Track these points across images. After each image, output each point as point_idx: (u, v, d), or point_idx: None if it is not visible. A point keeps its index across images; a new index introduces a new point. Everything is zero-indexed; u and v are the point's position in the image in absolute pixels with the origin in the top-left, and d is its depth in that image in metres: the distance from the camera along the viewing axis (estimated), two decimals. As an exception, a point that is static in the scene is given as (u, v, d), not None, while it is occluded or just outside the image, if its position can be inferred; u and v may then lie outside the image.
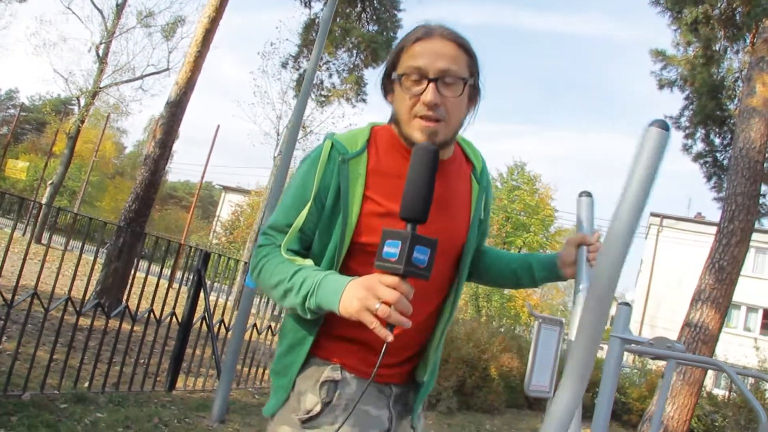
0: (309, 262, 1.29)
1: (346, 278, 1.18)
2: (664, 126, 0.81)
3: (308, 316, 1.25)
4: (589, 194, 1.50)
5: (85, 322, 5.50)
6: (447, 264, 1.40)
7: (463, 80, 1.29)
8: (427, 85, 1.26)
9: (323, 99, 16.34)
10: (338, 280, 1.18)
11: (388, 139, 1.38)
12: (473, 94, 1.38)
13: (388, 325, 1.08)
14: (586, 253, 1.42)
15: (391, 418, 1.40)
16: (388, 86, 1.38)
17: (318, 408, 1.30)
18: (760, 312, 25.22)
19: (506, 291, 23.69)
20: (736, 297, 8.18)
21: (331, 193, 1.31)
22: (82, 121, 19.52)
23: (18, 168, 24.69)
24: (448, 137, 1.33)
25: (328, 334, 1.35)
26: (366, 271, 1.19)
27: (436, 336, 1.44)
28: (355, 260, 1.32)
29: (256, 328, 5.98)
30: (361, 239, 1.30)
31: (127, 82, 20.65)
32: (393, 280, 1.06)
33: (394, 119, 1.36)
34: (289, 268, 1.26)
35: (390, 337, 1.07)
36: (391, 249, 1.06)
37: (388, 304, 1.06)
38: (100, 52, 19.67)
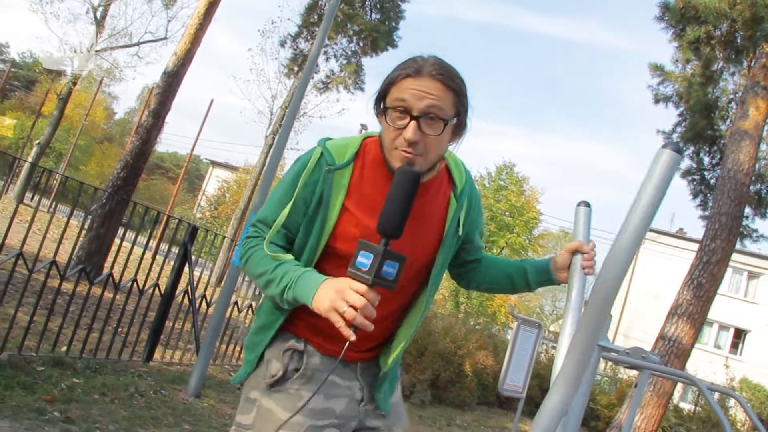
0: (290, 257, 1.40)
1: (322, 277, 1.29)
2: (677, 149, 0.86)
3: (285, 306, 1.38)
4: (587, 204, 1.55)
5: (66, 286, 5.48)
6: (411, 275, 1.48)
7: (444, 121, 1.35)
8: (410, 121, 1.32)
9: (322, 86, 16.26)
10: (314, 278, 1.30)
11: (375, 155, 1.45)
12: (457, 129, 1.43)
13: (353, 326, 1.19)
14: (581, 261, 1.48)
15: (362, 387, 1.52)
16: (378, 111, 1.43)
17: (280, 373, 1.43)
18: (731, 331, 25.64)
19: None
20: (710, 314, 8.33)
21: (315, 198, 1.42)
22: (74, 83, 19.26)
23: (5, 125, 24.34)
24: (424, 169, 1.40)
25: (299, 316, 1.46)
26: (336, 272, 1.32)
27: (398, 338, 1.53)
28: (328, 262, 1.43)
29: (237, 306, 5.99)
30: (335, 244, 1.42)
31: (123, 47, 20.41)
32: (362, 287, 1.18)
33: (381, 140, 1.43)
34: (272, 261, 1.38)
35: (353, 337, 1.20)
36: (364, 260, 1.19)
37: (355, 308, 1.18)
38: (98, 14, 19.39)
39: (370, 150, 1.46)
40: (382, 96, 1.40)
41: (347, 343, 1.22)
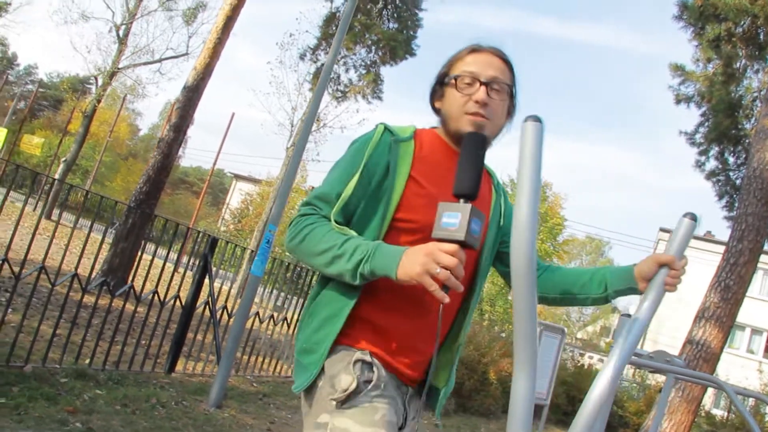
0: (355, 233, 1.36)
1: (402, 247, 1.27)
2: (537, 119, 0.96)
3: (357, 282, 1.30)
4: (694, 217, 1.41)
5: (89, 299, 5.55)
6: (469, 260, 1.44)
7: (509, 87, 1.48)
8: (479, 87, 1.43)
9: (340, 95, 16.34)
10: (394, 248, 1.28)
11: (431, 137, 1.52)
12: (510, 109, 1.53)
13: (444, 287, 1.18)
14: (667, 277, 1.37)
15: (406, 415, 1.46)
16: (438, 92, 1.53)
17: (354, 385, 1.31)
18: (765, 335, 25.05)
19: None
20: (741, 318, 8.15)
21: (380, 169, 1.41)
22: (99, 101, 19.62)
23: (33, 143, 24.85)
24: (491, 136, 1.48)
25: (355, 318, 1.39)
26: None
27: (458, 334, 1.52)
28: (392, 239, 1.39)
29: (259, 317, 6.01)
30: (401, 215, 1.40)
31: (145, 64, 20.72)
32: (452, 247, 1.17)
33: (442, 121, 1.51)
34: (339, 236, 1.33)
35: (447, 299, 1.18)
36: (451, 219, 1.18)
37: (447, 269, 1.16)
38: (121, 32, 19.76)
39: (426, 133, 1.52)
40: (444, 76, 1.50)
41: (440, 308, 1.25)
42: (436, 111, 1.54)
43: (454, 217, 1.18)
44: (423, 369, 1.48)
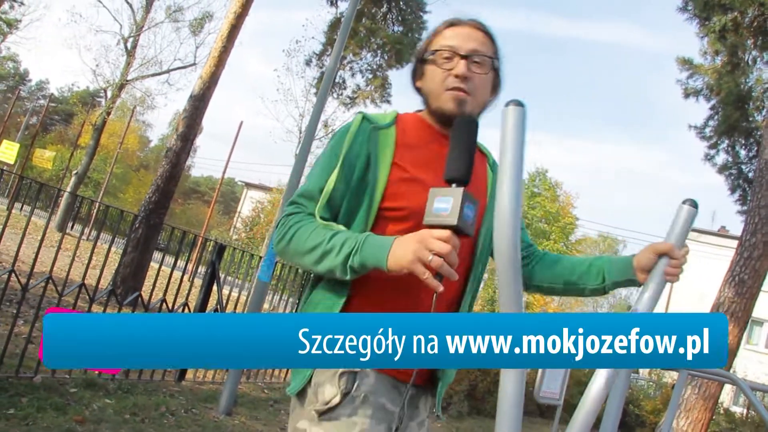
0: (343, 227, 1.32)
1: (391, 236, 1.23)
2: (519, 103, 0.95)
3: (347, 277, 1.26)
4: (695, 204, 1.33)
5: (98, 309, 5.56)
6: (465, 245, 1.39)
7: (491, 59, 1.41)
8: (459, 60, 1.37)
9: (349, 102, 16.36)
10: (384, 238, 1.24)
11: (414, 120, 1.47)
12: (496, 83, 1.47)
13: (438, 276, 1.13)
14: (667, 267, 1.33)
15: (402, 417, 1.39)
16: (418, 71, 1.47)
17: (337, 399, 1.28)
18: (784, 330, 24.69)
19: (524, 298, 23.44)
20: (760, 314, 8.03)
21: (362, 160, 1.37)
22: (108, 113, 19.77)
23: (45, 157, 25.06)
24: (475, 111, 1.41)
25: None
26: None
27: None
28: (381, 229, 1.35)
29: (268, 323, 5.99)
30: (386, 204, 1.35)
31: (153, 75, 20.86)
32: (445, 233, 1.13)
33: (424, 100, 1.46)
34: (326, 231, 1.29)
35: (440, 288, 1.13)
36: (443, 204, 1.14)
37: (440, 256, 1.11)
38: (128, 45, 19.91)
39: (408, 118, 1.47)
40: (423, 52, 1.45)
41: (434, 296, 1.15)
42: (418, 90, 1.48)
43: (446, 202, 1.13)
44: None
